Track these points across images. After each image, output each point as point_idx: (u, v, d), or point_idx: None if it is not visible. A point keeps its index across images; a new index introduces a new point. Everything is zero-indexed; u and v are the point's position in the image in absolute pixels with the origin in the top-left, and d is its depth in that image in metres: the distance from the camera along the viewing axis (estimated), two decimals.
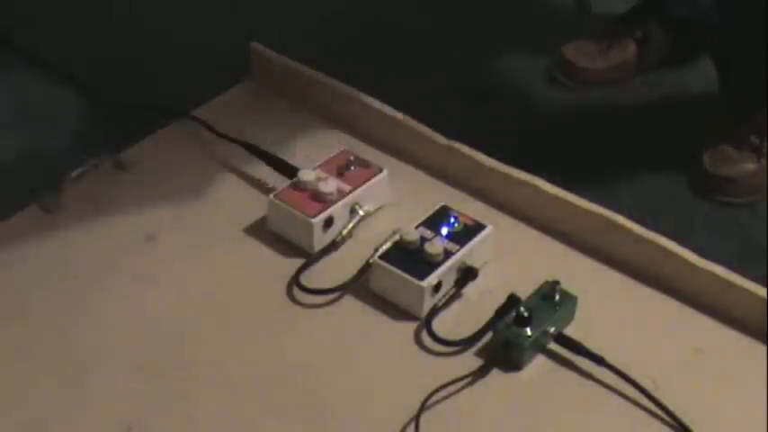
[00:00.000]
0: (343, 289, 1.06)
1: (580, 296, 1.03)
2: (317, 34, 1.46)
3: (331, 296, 1.05)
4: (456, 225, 1.08)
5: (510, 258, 1.10)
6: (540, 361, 1.01)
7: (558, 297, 1.02)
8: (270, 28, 1.45)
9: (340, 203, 1.10)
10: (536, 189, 1.14)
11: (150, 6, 1.48)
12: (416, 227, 1.07)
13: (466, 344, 1.01)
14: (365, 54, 1.43)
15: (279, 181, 1.14)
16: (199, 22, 1.47)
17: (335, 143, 1.20)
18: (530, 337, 0.99)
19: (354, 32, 1.47)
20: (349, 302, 1.05)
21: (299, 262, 1.08)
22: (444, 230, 1.07)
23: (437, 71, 1.42)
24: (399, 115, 1.22)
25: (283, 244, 1.10)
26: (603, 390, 0.99)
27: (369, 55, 1.43)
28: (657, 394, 0.97)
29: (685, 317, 1.06)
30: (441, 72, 1.42)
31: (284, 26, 1.46)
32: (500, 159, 1.17)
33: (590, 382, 0.99)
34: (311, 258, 1.08)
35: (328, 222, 1.09)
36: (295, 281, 1.06)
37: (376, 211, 1.13)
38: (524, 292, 1.03)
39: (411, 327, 1.03)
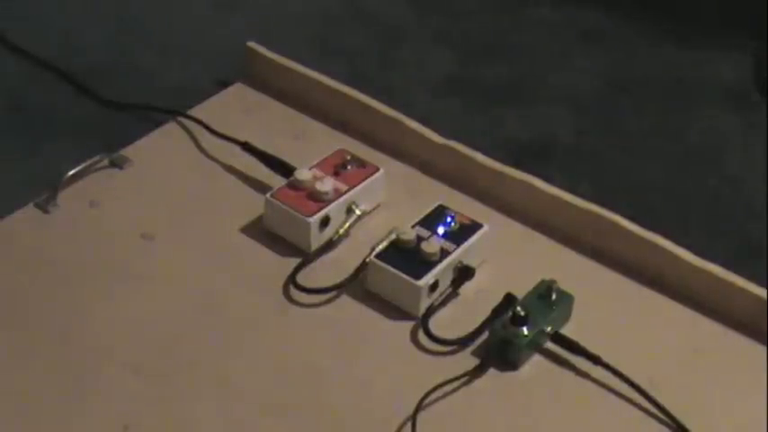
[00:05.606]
0: (340, 288, 1.05)
1: (577, 295, 1.03)
2: (314, 33, 1.46)
3: (327, 295, 1.05)
4: (452, 224, 1.07)
5: (506, 257, 1.09)
6: (536, 360, 1.01)
7: (554, 296, 1.01)
8: (267, 27, 1.44)
9: (336, 203, 1.09)
10: (533, 188, 1.14)
11: (148, 5, 1.48)
12: (413, 226, 1.07)
13: (462, 343, 1.01)
14: (362, 53, 1.43)
15: (275, 180, 1.14)
16: (196, 20, 1.47)
17: (332, 142, 1.20)
18: (526, 336, 0.99)
19: (352, 32, 1.47)
20: (345, 302, 1.05)
21: (295, 261, 1.08)
22: (441, 230, 1.07)
23: (435, 71, 1.41)
24: (396, 114, 1.22)
25: (280, 243, 1.10)
26: (600, 389, 0.98)
27: (365, 54, 1.43)
28: (655, 394, 0.96)
29: (684, 317, 1.06)
30: (439, 71, 1.41)
31: (281, 25, 1.46)
32: (497, 158, 1.17)
33: (587, 382, 0.99)
34: (308, 258, 1.08)
35: (325, 222, 1.09)
36: (291, 280, 1.06)
37: (372, 210, 1.13)
38: (521, 291, 1.02)
39: (407, 326, 1.03)
